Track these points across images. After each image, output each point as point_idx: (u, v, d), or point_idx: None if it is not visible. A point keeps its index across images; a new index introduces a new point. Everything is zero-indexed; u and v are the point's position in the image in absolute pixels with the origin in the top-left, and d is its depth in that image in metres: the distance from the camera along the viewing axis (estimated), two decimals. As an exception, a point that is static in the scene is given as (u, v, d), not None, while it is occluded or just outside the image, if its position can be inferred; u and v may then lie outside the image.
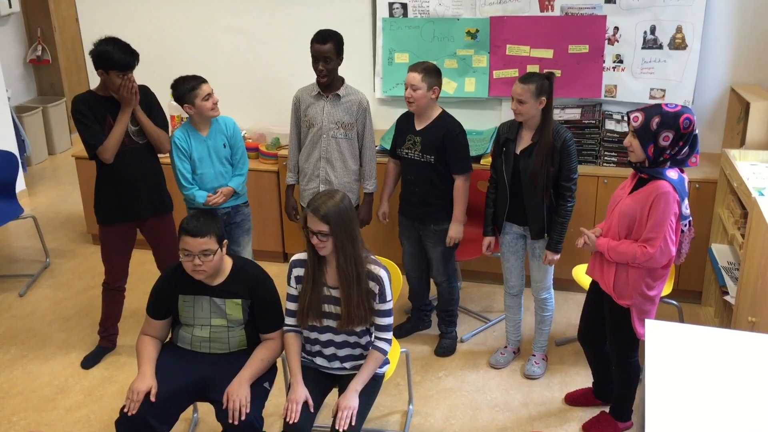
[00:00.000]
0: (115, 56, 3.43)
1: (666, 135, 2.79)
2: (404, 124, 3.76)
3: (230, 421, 2.72)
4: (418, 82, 3.53)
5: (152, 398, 2.78)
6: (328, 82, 3.73)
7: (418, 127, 3.66)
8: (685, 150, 2.83)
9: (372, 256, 2.85)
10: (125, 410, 2.75)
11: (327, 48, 3.64)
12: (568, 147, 3.35)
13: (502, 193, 3.54)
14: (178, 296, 2.94)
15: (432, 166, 3.64)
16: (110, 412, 3.51)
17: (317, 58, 3.66)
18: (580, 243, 3.12)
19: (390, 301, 2.84)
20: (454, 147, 3.61)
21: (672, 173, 2.85)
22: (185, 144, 3.70)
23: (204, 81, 3.66)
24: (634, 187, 2.95)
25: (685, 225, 2.90)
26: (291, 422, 2.72)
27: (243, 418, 2.72)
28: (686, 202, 2.87)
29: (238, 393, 2.76)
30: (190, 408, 3.36)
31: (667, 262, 2.94)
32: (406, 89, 3.59)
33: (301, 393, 2.79)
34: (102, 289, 3.91)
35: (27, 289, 4.74)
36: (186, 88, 3.62)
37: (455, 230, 3.70)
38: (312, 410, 2.78)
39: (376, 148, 4.50)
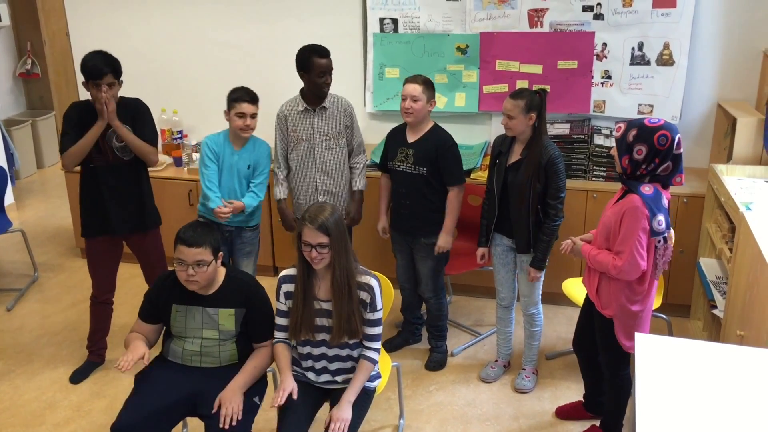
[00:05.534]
0: (88, 64, 3.43)
1: (639, 149, 2.80)
2: (395, 137, 3.78)
3: (221, 426, 2.72)
4: (419, 93, 3.56)
5: (144, 361, 2.81)
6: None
7: (411, 139, 3.68)
8: (664, 167, 2.82)
9: (361, 267, 2.86)
10: (116, 366, 2.73)
11: (329, 61, 3.73)
12: (555, 164, 3.36)
13: (492, 205, 3.57)
14: (171, 305, 2.93)
15: (424, 179, 3.65)
16: (99, 428, 3.48)
17: (324, 72, 3.71)
18: (566, 248, 3.15)
19: (380, 310, 2.85)
20: (448, 158, 3.64)
21: (646, 188, 2.83)
22: (217, 147, 3.72)
23: (248, 100, 3.63)
24: (620, 198, 2.97)
25: (659, 241, 2.85)
26: (277, 406, 2.76)
27: (234, 424, 2.72)
28: (659, 217, 2.80)
29: (231, 400, 2.77)
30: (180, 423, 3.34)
31: (643, 277, 2.92)
32: (404, 100, 3.60)
33: (290, 383, 2.81)
34: (90, 303, 3.89)
35: (15, 303, 4.71)
36: (232, 96, 3.67)
37: (444, 240, 3.71)
38: (295, 397, 2.79)
39: (367, 161, 4.53)
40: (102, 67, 3.42)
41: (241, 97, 3.64)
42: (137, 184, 3.73)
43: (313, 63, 3.69)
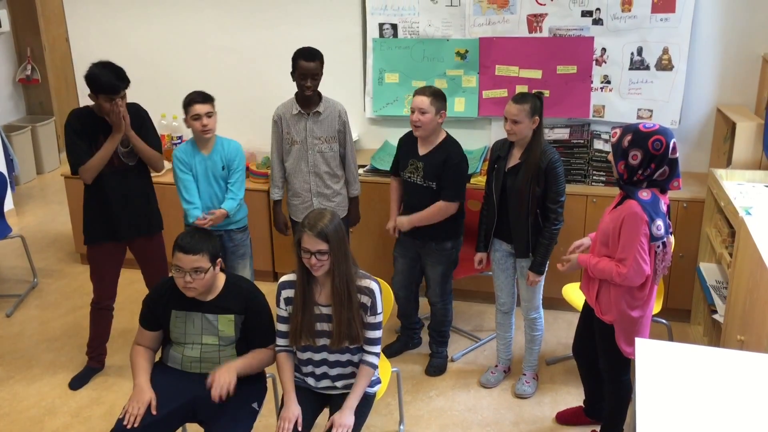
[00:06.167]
0: (102, 80, 3.40)
1: (634, 154, 2.79)
2: (407, 146, 3.75)
3: (213, 400, 2.74)
4: (427, 106, 3.52)
5: (153, 411, 2.77)
6: (313, 97, 3.79)
7: (422, 152, 3.66)
8: (660, 172, 2.81)
9: (361, 271, 2.85)
10: (125, 423, 2.72)
11: (315, 65, 3.72)
12: (554, 168, 3.36)
13: (491, 210, 3.56)
14: (171, 311, 2.93)
15: (434, 192, 3.63)
16: (98, 434, 3.48)
17: (306, 75, 3.71)
18: (563, 267, 3.16)
19: (380, 314, 2.85)
20: (450, 173, 3.59)
21: (644, 193, 2.82)
22: (187, 157, 3.74)
23: (200, 101, 3.66)
24: (618, 204, 2.97)
25: (659, 246, 2.84)
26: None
27: (224, 399, 2.74)
28: (658, 222, 2.79)
29: (224, 377, 2.78)
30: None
31: (645, 282, 2.91)
32: (412, 113, 3.56)
33: (295, 411, 2.77)
34: (90, 309, 3.89)
35: (14, 309, 4.70)
36: (185, 101, 3.68)
37: (406, 221, 3.66)
38: (300, 428, 2.77)
39: (366, 167, 4.53)
40: (117, 83, 3.42)
41: (193, 99, 3.67)
42: (143, 187, 3.74)
43: (297, 65, 3.72)
